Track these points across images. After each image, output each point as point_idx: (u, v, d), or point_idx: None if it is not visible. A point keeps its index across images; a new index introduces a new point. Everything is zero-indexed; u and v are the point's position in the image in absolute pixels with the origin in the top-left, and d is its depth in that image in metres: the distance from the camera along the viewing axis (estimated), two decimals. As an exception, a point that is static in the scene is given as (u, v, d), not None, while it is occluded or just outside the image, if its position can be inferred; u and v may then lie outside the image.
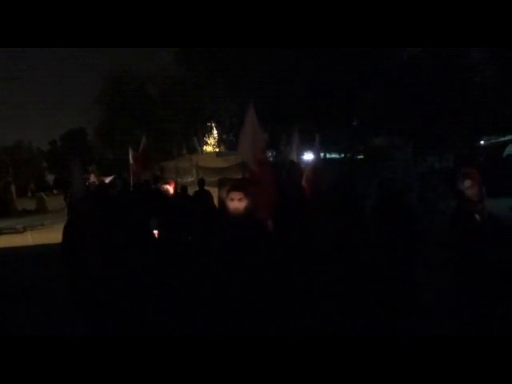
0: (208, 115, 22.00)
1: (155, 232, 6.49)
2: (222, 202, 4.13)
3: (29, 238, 14.64)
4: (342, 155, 16.10)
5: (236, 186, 3.68)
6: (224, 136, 23.74)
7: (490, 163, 18.07)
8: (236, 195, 3.55)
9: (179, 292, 5.53)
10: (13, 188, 38.58)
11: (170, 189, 6.52)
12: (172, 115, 21.26)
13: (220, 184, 10.97)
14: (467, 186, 3.86)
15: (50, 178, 60.54)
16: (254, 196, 3.70)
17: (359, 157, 14.71)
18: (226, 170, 17.78)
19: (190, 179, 21.87)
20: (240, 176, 17.03)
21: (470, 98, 14.98)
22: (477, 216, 3.79)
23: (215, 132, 24.53)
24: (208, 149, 24.68)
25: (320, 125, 14.47)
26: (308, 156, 13.63)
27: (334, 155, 16.71)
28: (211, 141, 24.75)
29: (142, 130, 22.33)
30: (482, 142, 21.10)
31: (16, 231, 17.16)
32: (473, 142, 18.96)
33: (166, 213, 6.39)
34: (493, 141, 21.46)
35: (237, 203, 3.53)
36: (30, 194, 45.08)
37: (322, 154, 17.82)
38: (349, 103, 15.66)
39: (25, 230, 17.39)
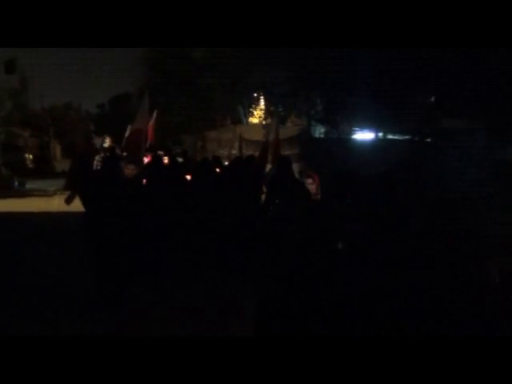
0: (256, 85, 20.30)
1: None
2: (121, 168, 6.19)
3: (55, 203, 12.92)
4: (407, 137, 14.11)
5: (130, 161, 6.31)
6: (272, 108, 22.02)
7: None
8: (130, 166, 6.07)
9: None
10: (55, 148, 38.53)
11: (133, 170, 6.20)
12: (217, 81, 19.68)
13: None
14: (309, 182, 5.35)
15: (97, 141, 60.57)
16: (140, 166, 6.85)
17: (426, 140, 12.75)
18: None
19: (232, 152, 20.40)
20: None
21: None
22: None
23: (262, 103, 22.82)
24: (254, 120, 23.05)
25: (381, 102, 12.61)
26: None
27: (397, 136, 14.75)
28: (258, 112, 23.08)
29: (186, 96, 21.03)
30: None
31: (46, 194, 16.26)
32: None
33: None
34: None
35: (130, 171, 6.02)
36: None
37: (380, 134, 16.00)
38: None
39: (55, 193, 15.96)
